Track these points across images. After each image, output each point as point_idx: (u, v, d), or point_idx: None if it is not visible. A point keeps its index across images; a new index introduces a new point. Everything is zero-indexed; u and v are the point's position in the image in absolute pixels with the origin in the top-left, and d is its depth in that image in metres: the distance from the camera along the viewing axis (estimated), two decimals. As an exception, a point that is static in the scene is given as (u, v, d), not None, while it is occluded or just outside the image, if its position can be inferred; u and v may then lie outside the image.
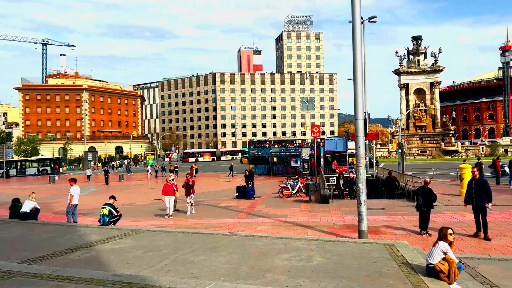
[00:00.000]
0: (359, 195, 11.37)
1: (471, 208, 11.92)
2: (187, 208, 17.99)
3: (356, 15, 11.33)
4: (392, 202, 20.35)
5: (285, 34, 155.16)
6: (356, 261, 8.22)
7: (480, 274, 7.98)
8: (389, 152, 75.14)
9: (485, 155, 67.58)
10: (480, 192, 11.43)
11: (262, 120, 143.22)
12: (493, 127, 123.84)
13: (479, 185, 11.56)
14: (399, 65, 78.16)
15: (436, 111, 76.08)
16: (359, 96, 11.58)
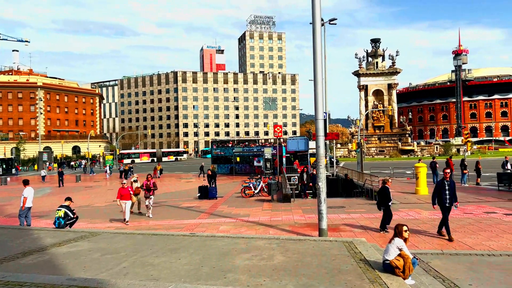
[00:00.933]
0: (319, 194, 11.57)
1: (440, 209, 11.59)
2: (146, 211, 17.44)
3: (316, 17, 11.51)
4: (351, 201, 20.86)
5: (248, 34, 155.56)
6: (316, 258, 8.35)
7: (433, 269, 8.31)
8: (349, 151, 76.93)
9: (439, 155, 70.55)
10: (454, 194, 11.29)
11: (225, 120, 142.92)
12: (447, 127, 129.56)
13: (453, 186, 11.35)
14: (359, 67, 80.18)
15: (393, 112, 78.61)
16: (319, 97, 11.77)
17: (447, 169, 11.60)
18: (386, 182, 12.54)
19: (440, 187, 11.39)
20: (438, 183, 11.64)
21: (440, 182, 11.49)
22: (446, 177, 11.42)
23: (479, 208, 16.44)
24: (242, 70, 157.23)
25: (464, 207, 16.63)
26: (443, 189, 11.29)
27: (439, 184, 11.47)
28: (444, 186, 11.28)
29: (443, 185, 11.33)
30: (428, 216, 14.93)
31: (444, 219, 11.30)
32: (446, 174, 11.47)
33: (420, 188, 21.55)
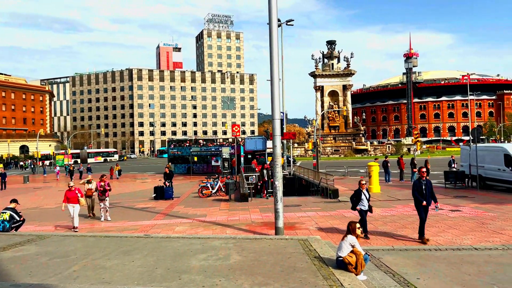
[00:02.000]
0: (275, 192, 11.66)
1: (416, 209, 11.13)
2: (101, 214, 16.40)
3: (272, 17, 11.59)
4: (307, 199, 21.21)
5: (206, 32, 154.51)
6: (272, 257, 8.41)
7: (384, 264, 8.60)
8: (305, 151, 78.15)
9: (391, 154, 73.19)
10: (432, 193, 10.87)
11: (183, 119, 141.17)
12: (398, 127, 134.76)
13: (430, 186, 10.90)
14: (315, 68, 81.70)
15: (348, 112, 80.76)
16: (276, 97, 11.86)
17: (423, 168, 11.11)
18: (360, 185, 11.76)
19: (417, 186, 10.85)
20: (415, 182, 11.05)
21: (417, 182, 10.96)
22: (423, 176, 10.87)
23: (427, 204, 17.18)
24: (200, 69, 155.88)
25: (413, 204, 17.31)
26: (420, 189, 10.79)
27: (417, 184, 10.91)
28: (421, 186, 10.78)
29: (420, 184, 10.82)
30: (380, 213, 15.43)
31: (421, 220, 10.81)
32: (423, 174, 10.89)
33: (373, 186, 22.24)
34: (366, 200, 11.44)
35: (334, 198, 19.83)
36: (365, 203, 11.42)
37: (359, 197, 11.49)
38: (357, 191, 11.64)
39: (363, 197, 11.43)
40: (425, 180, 10.86)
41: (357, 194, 11.54)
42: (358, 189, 11.65)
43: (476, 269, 8.06)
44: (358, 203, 11.45)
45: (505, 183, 21.22)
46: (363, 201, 11.44)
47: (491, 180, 22.32)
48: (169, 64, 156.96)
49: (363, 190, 11.51)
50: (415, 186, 10.97)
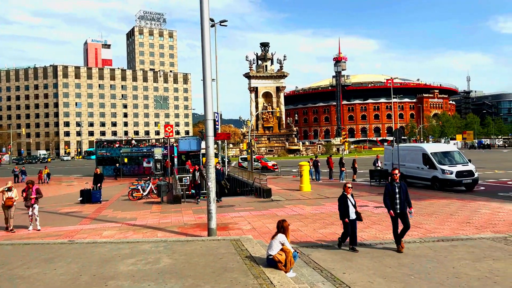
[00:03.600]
0: (208, 193, 11.60)
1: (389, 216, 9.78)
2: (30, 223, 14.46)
3: (204, 17, 11.51)
4: (241, 199, 21.34)
5: (137, 29, 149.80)
6: (203, 258, 8.34)
7: (313, 261, 8.88)
8: (240, 151, 78.61)
9: (321, 154, 75.91)
10: (407, 197, 9.70)
11: (112, 119, 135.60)
12: (329, 128, 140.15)
13: (405, 189, 9.75)
14: (249, 69, 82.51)
15: (281, 113, 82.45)
16: (209, 97, 11.79)
17: (395, 170, 10.01)
18: (346, 189, 9.97)
19: (390, 190, 9.66)
20: (387, 186, 9.83)
21: (389, 185, 9.77)
22: (396, 178, 9.75)
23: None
24: (131, 67, 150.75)
25: (342, 202, 18.13)
26: (393, 192, 9.62)
27: (389, 187, 9.71)
28: (394, 189, 9.62)
29: (393, 188, 9.65)
30: (310, 211, 15.93)
31: (394, 227, 9.67)
32: (395, 176, 9.80)
33: (304, 185, 22.92)
34: (352, 207, 9.80)
35: (267, 198, 20.14)
36: (351, 210, 9.76)
37: (346, 204, 9.78)
38: (341, 197, 9.91)
39: (349, 204, 9.77)
40: (399, 183, 9.70)
41: (343, 201, 9.81)
42: (342, 194, 9.93)
43: (396, 262, 8.59)
44: (345, 213, 9.73)
45: (423, 180, 22.90)
46: (349, 208, 9.79)
47: (411, 177, 23.97)
48: (98, 61, 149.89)
49: (348, 196, 9.83)
50: (386, 191, 9.72)
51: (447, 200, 17.69)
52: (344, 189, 9.93)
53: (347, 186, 9.91)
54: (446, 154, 22.68)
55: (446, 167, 21.48)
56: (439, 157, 22.25)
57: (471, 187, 21.54)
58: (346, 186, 9.91)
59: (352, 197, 9.96)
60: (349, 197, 9.85)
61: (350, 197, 9.87)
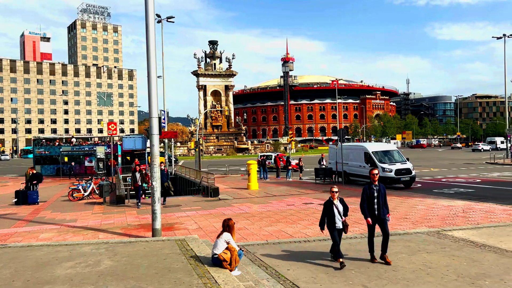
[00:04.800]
0: (153, 193, 11.34)
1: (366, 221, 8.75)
2: None
3: (149, 12, 11.23)
4: (188, 199, 21.08)
5: (79, 23, 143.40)
6: (146, 260, 8.14)
7: (259, 259, 8.94)
8: (188, 150, 77.70)
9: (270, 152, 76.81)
10: (384, 201, 8.70)
11: (52, 116, 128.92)
12: (277, 127, 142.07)
13: (384, 192, 8.74)
14: (198, 67, 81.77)
15: (230, 112, 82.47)
16: (154, 94, 11.52)
17: (374, 170, 8.86)
18: (331, 193, 8.68)
19: (368, 194, 8.62)
20: (365, 189, 8.75)
21: (367, 188, 8.71)
22: (375, 180, 8.67)
23: (300, 199, 18.44)
24: (73, 62, 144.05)
25: (288, 200, 18.45)
26: (371, 196, 8.58)
27: (367, 191, 8.67)
28: (372, 193, 8.60)
29: (371, 191, 8.62)
30: (257, 209, 16.06)
31: (370, 234, 8.70)
32: (374, 177, 8.68)
33: (252, 184, 23.06)
34: (339, 215, 8.44)
35: (214, 197, 20.04)
36: (338, 218, 8.43)
37: (330, 212, 8.44)
38: (327, 203, 8.60)
39: (335, 211, 8.42)
40: (378, 185, 8.65)
41: (327, 208, 8.52)
42: (328, 200, 8.63)
43: (338, 257, 8.85)
44: (330, 222, 8.42)
45: (365, 178, 23.78)
46: (335, 216, 8.42)
47: (354, 175, 24.88)
48: (36, 55, 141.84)
49: (334, 201, 8.53)
50: (364, 195, 8.64)
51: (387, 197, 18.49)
52: (330, 194, 8.64)
53: (332, 191, 8.60)
54: (386, 153, 23.74)
55: (386, 165, 22.48)
56: (380, 155, 23.24)
57: (409, 184, 22.70)
58: (331, 191, 8.61)
59: (341, 202, 8.60)
60: (336, 203, 8.49)
61: (337, 203, 8.50)
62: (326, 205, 8.59)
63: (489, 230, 11.08)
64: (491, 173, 30.66)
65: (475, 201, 16.79)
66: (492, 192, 19.90)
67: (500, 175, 28.91)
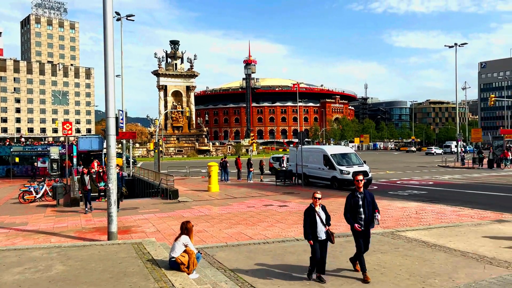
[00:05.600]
0: (109, 195, 11.03)
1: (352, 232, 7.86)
2: None
3: (107, 9, 10.93)
4: (146, 201, 20.66)
5: (33, 17, 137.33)
6: (101, 264, 7.89)
7: (217, 261, 8.88)
8: (147, 151, 76.20)
9: (231, 154, 76.68)
10: (371, 211, 7.66)
11: (2, 114, 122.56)
12: (239, 129, 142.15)
13: (371, 199, 7.72)
14: (158, 66, 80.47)
15: (191, 113, 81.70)
16: (111, 93, 11.21)
17: (358, 176, 7.82)
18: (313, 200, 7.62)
19: (352, 203, 7.70)
20: (348, 197, 7.83)
21: (351, 196, 7.79)
22: (359, 187, 7.71)
23: (261, 201, 18.50)
24: (26, 58, 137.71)
25: (248, 201, 18.48)
26: (356, 205, 7.64)
27: (350, 200, 7.76)
28: (356, 201, 7.65)
29: (355, 200, 7.69)
30: (218, 212, 15.96)
31: (358, 249, 7.67)
32: (359, 183, 7.70)
33: (212, 186, 22.92)
34: (321, 224, 7.44)
35: (174, 199, 19.75)
36: (320, 228, 7.43)
37: (312, 220, 7.44)
38: (308, 210, 7.58)
39: (317, 220, 7.42)
40: (363, 193, 7.71)
41: (310, 215, 7.49)
42: (309, 207, 7.61)
43: (296, 258, 8.96)
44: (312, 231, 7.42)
45: (324, 180, 24.26)
46: (316, 226, 7.42)
47: (313, 177, 25.27)
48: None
49: (316, 208, 7.52)
50: (347, 204, 7.76)
51: (344, 198, 18.80)
52: (312, 200, 7.59)
53: (315, 197, 7.53)
54: (344, 156, 24.30)
55: (344, 167, 22.99)
56: (338, 158, 23.75)
57: (366, 187, 23.17)
58: (314, 196, 7.54)
59: (323, 210, 7.58)
60: (318, 210, 7.47)
61: (319, 210, 7.48)
62: (308, 212, 7.50)
63: (439, 231, 11.57)
64: (442, 175, 32.06)
65: (427, 202, 17.49)
66: (443, 194, 20.80)
67: (451, 177, 30.29)
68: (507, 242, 10.01)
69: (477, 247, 9.59)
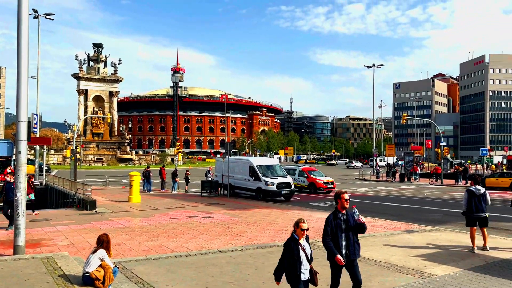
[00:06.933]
0: (17, 206, 10.10)
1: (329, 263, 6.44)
2: None
3: (22, 5, 10.15)
4: (60, 212, 19.31)
5: None
6: (3, 282, 7.15)
7: (136, 275, 8.48)
8: (64, 158, 71.62)
9: (155, 164, 74.61)
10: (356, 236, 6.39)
11: None
12: (164, 138, 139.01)
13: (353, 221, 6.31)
14: (79, 69, 76.38)
15: (113, 119, 78.38)
16: (23, 95, 10.35)
17: (343, 194, 6.29)
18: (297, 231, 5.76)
19: (333, 226, 6.25)
20: (328, 219, 6.33)
21: (332, 217, 6.31)
22: (344, 206, 6.28)
23: (184, 212, 18.14)
24: None
25: (171, 213, 18.02)
26: (338, 228, 6.22)
27: (330, 222, 6.28)
28: (338, 225, 6.23)
29: (336, 222, 6.25)
30: (138, 223, 15.35)
31: (335, 281, 6.47)
32: (343, 202, 6.25)
33: (133, 196, 22.04)
34: (306, 261, 5.68)
35: (90, 210, 18.66)
36: (304, 266, 5.67)
37: (295, 256, 5.63)
38: (289, 242, 5.74)
39: (301, 256, 5.65)
40: (345, 214, 6.32)
41: (291, 251, 5.67)
42: (291, 237, 5.78)
43: (219, 270, 8.86)
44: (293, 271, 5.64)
45: (249, 191, 24.49)
46: (300, 263, 5.64)
47: (239, 188, 25.41)
48: None
49: (300, 241, 5.73)
50: (328, 227, 6.27)
51: (268, 209, 19.22)
52: (295, 229, 5.80)
53: (301, 227, 5.74)
54: (269, 167, 24.77)
55: (269, 179, 23.41)
56: (264, 169, 24.15)
57: (289, 197, 23.92)
58: (300, 227, 5.74)
59: (307, 242, 5.83)
60: (303, 243, 5.75)
61: (304, 243, 5.77)
62: (289, 246, 5.71)
63: (356, 240, 12.14)
64: (359, 188, 33.92)
65: (345, 213, 18.32)
66: (360, 206, 21.81)
67: (367, 190, 32.15)
68: (415, 251, 10.78)
69: (389, 256, 10.20)
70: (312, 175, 29.34)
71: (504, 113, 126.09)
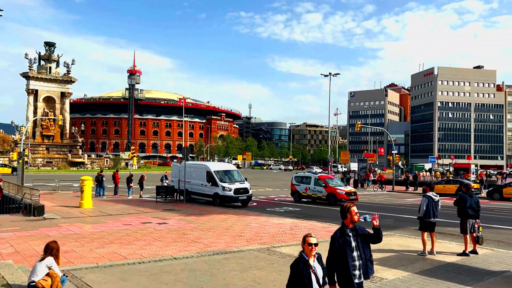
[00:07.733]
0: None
1: None
2: None
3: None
4: (4, 218, 18.27)
5: None
6: None
7: (86, 284, 8.17)
8: (10, 161, 67.88)
9: (109, 168, 72.37)
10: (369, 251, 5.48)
11: None
12: (118, 141, 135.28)
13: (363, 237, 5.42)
14: (29, 69, 72.93)
15: (65, 121, 75.39)
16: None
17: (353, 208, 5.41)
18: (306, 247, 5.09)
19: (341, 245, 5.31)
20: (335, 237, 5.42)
21: (339, 234, 5.39)
22: (354, 220, 5.37)
23: (138, 219, 17.70)
24: None
25: (125, 219, 17.54)
26: (347, 247, 5.27)
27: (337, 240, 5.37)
28: (348, 243, 5.29)
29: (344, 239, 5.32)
30: (89, 230, 14.81)
31: None
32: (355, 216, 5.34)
33: (85, 202, 21.25)
34: (317, 286, 4.86)
35: (38, 216, 17.79)
36: None
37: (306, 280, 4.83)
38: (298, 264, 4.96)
39: (313, 280, 4.84)
40: (354, 230, 5.40)
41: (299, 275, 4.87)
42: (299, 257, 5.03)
43: (173, 278, 8.70)
44: None
45: (207, 196, 24.29)
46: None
47: (196, 194, 25.15)
48: None
49: (310, 261, 4.97)
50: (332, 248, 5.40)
51: (225, 215, 19.14)
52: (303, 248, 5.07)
53: (309, 242, 5.02)
54: (227, 173, 24.69)
55: (226, 184, 23.33)
56: (221, 175, 24.04)
57: (246, 203, 23.96)
58: (308, 242, 5.02)
59: (319, 263, 5.07)
60: (314, 265, 4.97)
61: (315, 264, 4.99)
62: (297, 269, 4.90)
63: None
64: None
65: (301, 219, 18.58)
66: (315, 211, 22.35)
67: (322, 195, 32.74)
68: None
69: (342, 260, 10.43)
70: (330, 184, 25.37)
71: (451, 123, 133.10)
